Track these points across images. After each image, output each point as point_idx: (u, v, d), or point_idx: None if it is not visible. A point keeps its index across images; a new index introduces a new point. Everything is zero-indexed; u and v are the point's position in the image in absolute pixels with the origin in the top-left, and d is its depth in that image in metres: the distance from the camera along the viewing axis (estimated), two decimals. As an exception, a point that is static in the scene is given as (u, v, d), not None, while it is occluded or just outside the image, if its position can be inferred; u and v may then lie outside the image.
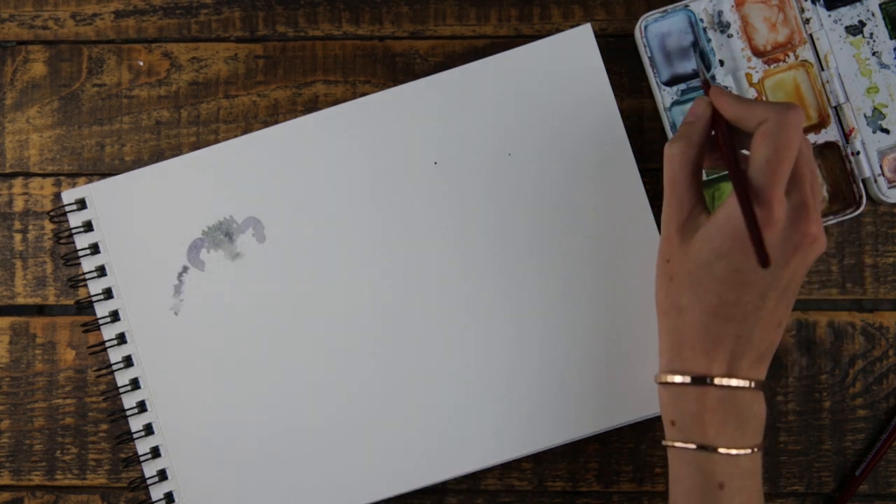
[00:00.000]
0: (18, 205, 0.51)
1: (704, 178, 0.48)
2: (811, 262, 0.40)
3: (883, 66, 0.49)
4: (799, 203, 0.39)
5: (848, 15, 0.49)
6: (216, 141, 0.51)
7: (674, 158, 0.42)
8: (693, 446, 0.41)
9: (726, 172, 0.48)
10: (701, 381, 0.41)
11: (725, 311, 0.40)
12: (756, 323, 0.40)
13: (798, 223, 0.39)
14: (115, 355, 0.49)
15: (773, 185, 0.38)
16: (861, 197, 0.48)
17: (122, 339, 0.49)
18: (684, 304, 0.41)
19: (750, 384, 0.40)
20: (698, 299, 0.41)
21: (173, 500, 0.48)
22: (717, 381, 0.40)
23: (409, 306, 0.49)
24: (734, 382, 0.40)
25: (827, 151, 0.49)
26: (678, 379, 0.41)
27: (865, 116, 0.49)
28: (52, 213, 0.50)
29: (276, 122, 0.50)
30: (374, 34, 0.51)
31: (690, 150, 0.42)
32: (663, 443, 0.43)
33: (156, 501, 0.48)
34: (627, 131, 0.49)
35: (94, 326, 0.49)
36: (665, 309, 0.43)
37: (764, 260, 0.36)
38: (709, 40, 0.49)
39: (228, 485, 0.48)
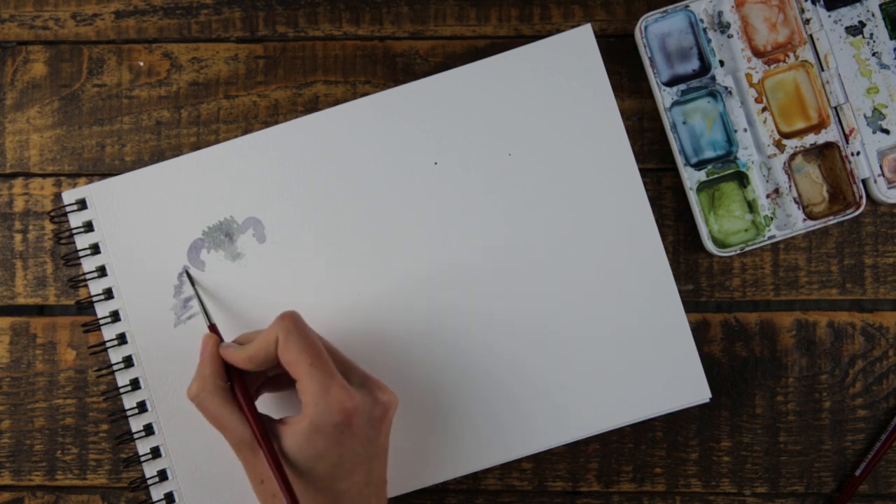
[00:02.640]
0: (19, 205, 0.51)
1: (705, 178, 0.49)
2: (393, 418, 0.43)
3: (883, 66, 0.49)
4: (362, 379, 0.42)
5: (848, 15, 0.49)
6: (216, 141, 0.51)
7: (201, 400, 0.42)
8: None
9: (726, 172, 0.49)
10: None
11: (345, 498, 0.40)
12: (370, 491, 0.41)
13: (374, 396, 0.42)
14: (115, 355, 0.49)
15: (332, 379, 0.40)
16: (861, 197, 0.48)
17: (122, 339, 0.49)
18: None
19: None
20: (313, 501, 0.40)
21: (173, 501, 0.48)
22: None
23: (408, 306, 0.49)
24: None
25: (827, 151, 0.49)
26: None
27: (865, 117, 0.49)
28: (52, 214, 0.50)
29: (277, 123, 0.50)
30: (374, 34, 0.51)
31: (209, 383, 0.42)
32: None
33: (156, 501, 0.48)
34: (627, 131, 0.49)
35: (95, 327, 0.49)
36: None
37: None
38: (709, 40, 0.49)
39: (229, 485, 0.48)
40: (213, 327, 0.45)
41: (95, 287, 0.49)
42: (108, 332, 0.49)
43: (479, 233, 0.49)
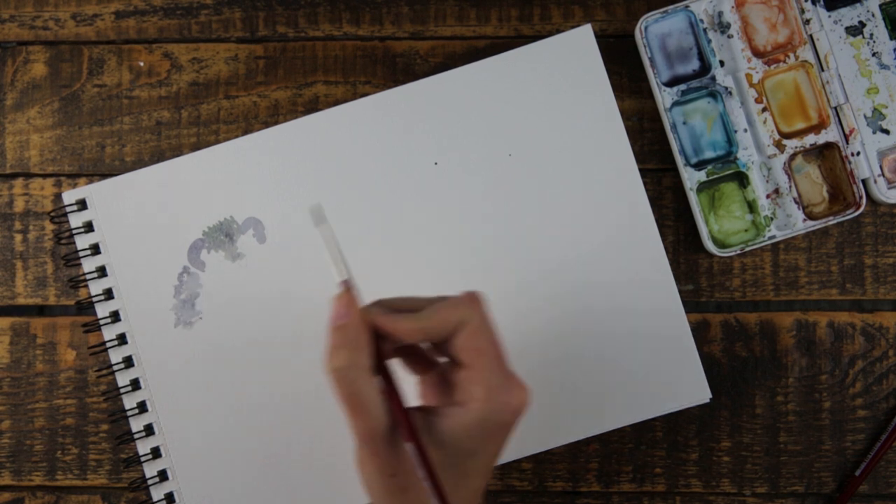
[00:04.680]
0: (19, 205, 0.51)
1: (705, 178, 0.49)
2: None
3: (883, 66, 0.49)
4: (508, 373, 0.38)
5: (848, 15, 0.49)
6: (217, 141, 0.51)
7: (344, 372, 0.35)
8: None
9: (726, 173, 0.49)
10: None
11: (464, 500, 0.37)
12: (483, 491, 0.39)
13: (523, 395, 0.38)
14: (115, 356, 0.49)
15: (513, 379, 0.37)
16: (861, 197, 0.48)
17: (122, 339, 0.49)
18: None
19: None
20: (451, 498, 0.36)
21: (174, 501, 0.48)
22: None
23: (409, 307, 0.49)
24: None
25: (827, 152, 0.49)
26: None
27: (865, 117, 0.49)
28: (52, 214, 0.50)
29: (277, 123, 0.50)
30: (374, 35, 0.51)
31: (362, 357, 0.36)
32: None
33: (156, 502, 0.48)
34: (627, 131, 0.49)
35: (95, 327, 0.49)
36: None
37: None
38: (709, 41, 0.49)
39: (229, 485, 0.48)
40: (348, 283, 0.38)
41: (95, 287, 0.49)
42: (108, 333, 0.49)
43: (479, 233, 0.49)
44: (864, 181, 0.49)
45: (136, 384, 0.49)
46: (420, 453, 0.35)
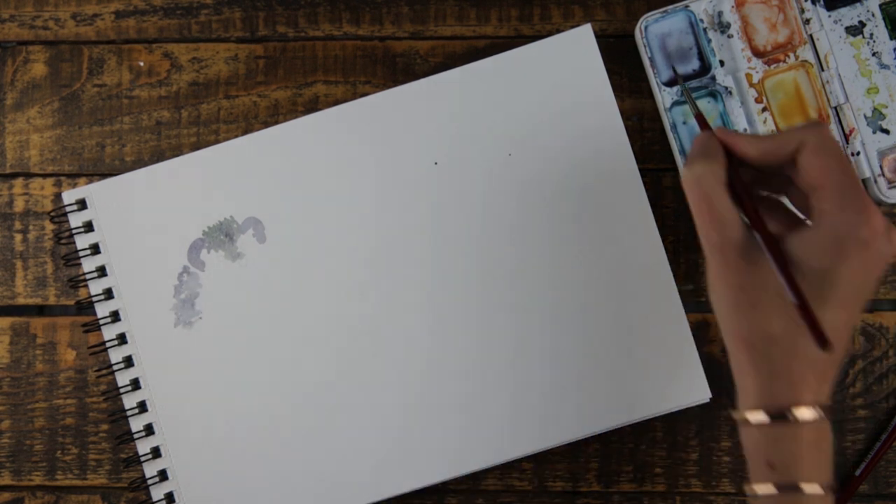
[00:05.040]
0: (19, 205, 0.51)
1: (705, 178, 0.48)
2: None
3: (883, 66, 0.49)
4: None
5: (848, 15, 0.49)
6: (216, 141, 0.51)
7: (702, 178, 0.37)
8: (794, 490, 0.36)
9: None
10: (818, 409, 0.36)
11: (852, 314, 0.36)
12: (844, 336, 0.37)
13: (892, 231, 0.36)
14: (115, 355, 0.49)
15: (865, 194, 0.35)
16: (861, 197, 0.48)
17: (122, 339, 0.49)
18: (777, 331, 0.36)
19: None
20: (795, 322, 0.36)
21: (174, 501, 0.48)
22: (815, 413, 0.36)
23: (410, 306, 0.49)
24: (822, 412, 0.36)
25: (827, 152, 0.49)
26: (802, 413, 0.36)
27: (865, 117, 0.49)
28: (52, 214, 0.50)
29: (277, 123, 0.50)
30: (374, 34, 0.51)
31: (718, 169, 0.37)
32: (755, 491, 0.37)
33: (156, 502, 0.48)
34: (627, 131, 0.49)
35: (95, 327, 0.49)
36: (751, 341, 0.37)
37: (824, 343, 0.34)
38: (709, 41, 0.49)
39: (229, 485, 0.48)
40: (702, 117, 0.41)
41: (95, 287, 0.49)
42: (108, 332, 0.49)
43: (479, 232, 0.49)
44: (864, 181, 0.49)
45: (136, 384, 0.49)
46: (778, 260, 0.35)
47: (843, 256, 0.35)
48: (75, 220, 0.50)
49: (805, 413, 0.36)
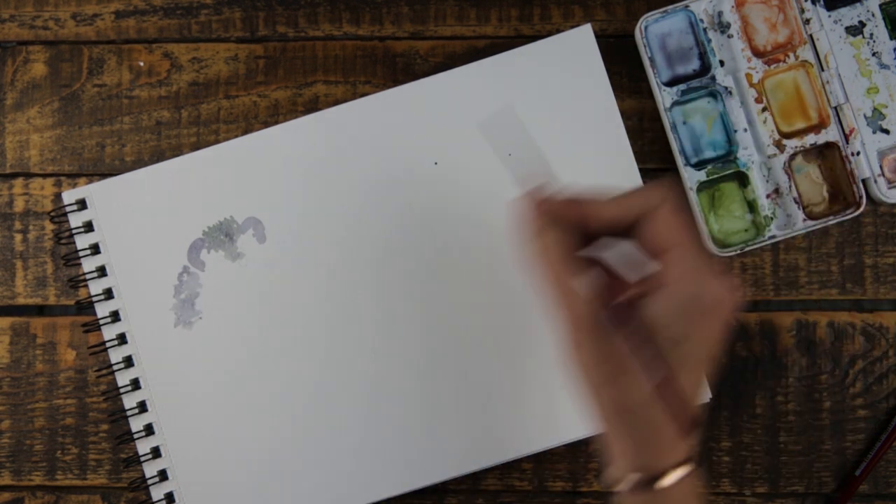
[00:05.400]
0: (19, 205, 0.51)
1: (705, 178, 0.49)
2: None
3: (883, 66, 0.49)
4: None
5: (848, 15, 0.49)
6: (216, 141, 0.51)
7: (548, 250, 0.36)
8: None
9: (726, 172, 0.49)
10: (683, 469, 0.36)
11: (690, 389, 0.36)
12: (691, 395, 0.37)
13: (732, 289, 0.36)
14: (115, 355, 0.49)
15: (709, 261, 0.36)
16: (861, 197, 0.48)
17: (122, 339, 0.49)
18: (638, 400, 0.35)
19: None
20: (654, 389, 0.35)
21: (174, 501, 0.48)
22: (684, 470, 0.36)
23: (409, 306, 0.49)
24: (690, 466, 0.36)
25: (827, 152, 0.49)
26: (667, 480, 0.35)
27: (865, 117, 0.49)
28: (52, 214, 0.50)
29: (277, 123, 0.50)
30: (374, 34, 0.51)
31: (564, 237, 0.36)
32: None
33: (156, 502, 0.48)
34: (627, 131, 0.49)
35: (95, 327, 0.49)
36: (613, 412, 0.36)
37: (688, 426, 0.35)
38: (709, 41, 0.49)
39: (229, 485, 0.48)
40: (541, 178, 0.38)
41: (95, 287, 0.49)
42: (108, 332, 0.49)
43: (479, 233, 0.49)
44: (864, 181, 0.49)
45: (136, 384, 0.49)
46: (636, 330, 0.34)
47: (695, 322, 0.35)
48: (75, 220, 0.50)
49: (673, 476, 0.35)
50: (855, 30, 0.49)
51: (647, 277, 0.37)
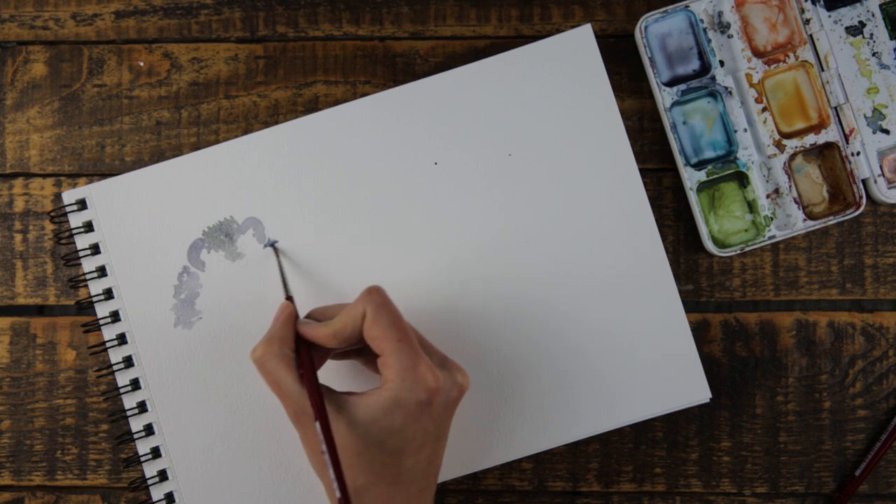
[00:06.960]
0: (19, 205, 0.51)
1: (705, 178, 0.49)
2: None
3: (883, 66, 0.49)
4: (441, 360, 0.42)
5: (848, 15, 0.49)
6: (217, 141, 0.51)
7: (264, 363, 0.41)
8: None
9: (726, 172, 0.49)
10: None
11: (407, 476, 0.40)
12: (430, 471, 0.42)
13: (454, 378, 0.41)
14: (115, 356, 0.49)
15: (419, 357, 0.40)
16: (861, 197, 0.48)
17: (122, 339, 0.49)
18: (361, 483, 0.40)
19: None
20: (377, 475, 0.40)
21: (174, 501, 0.48)
22: None
23: (407, 306, 0.49)
24: None
25: (827, 152, 0.49)
26: None
27: (865, 117, 0.49)
28: (52, 214, 0.50)
29: (277, 123, 0.50)
30: (374, 34, 0.51)
31: (275, 347, 0.41)
32: None
33: (156, 502, 0.48)
34: (627, 131, 0.49)
35: (95, 327, 0.49)
36: (343, 496, 0.39)
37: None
38: (709, 41, 0.49)
39: (229, 485, 0.48)
40: (290, 299, 0.45)
41: (95, 287, 0.49)
42: (108, 333, 0.49)
43: (479, 233, 0.49)
44: (864, 181, 0.49)
45: (136, 384, 0.49)
46: (322, 428, 0.39)
47: (408, 416, 0.39)
48: (75, 220, 0.50)
49: None
50: (855, 30, 0.49)
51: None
